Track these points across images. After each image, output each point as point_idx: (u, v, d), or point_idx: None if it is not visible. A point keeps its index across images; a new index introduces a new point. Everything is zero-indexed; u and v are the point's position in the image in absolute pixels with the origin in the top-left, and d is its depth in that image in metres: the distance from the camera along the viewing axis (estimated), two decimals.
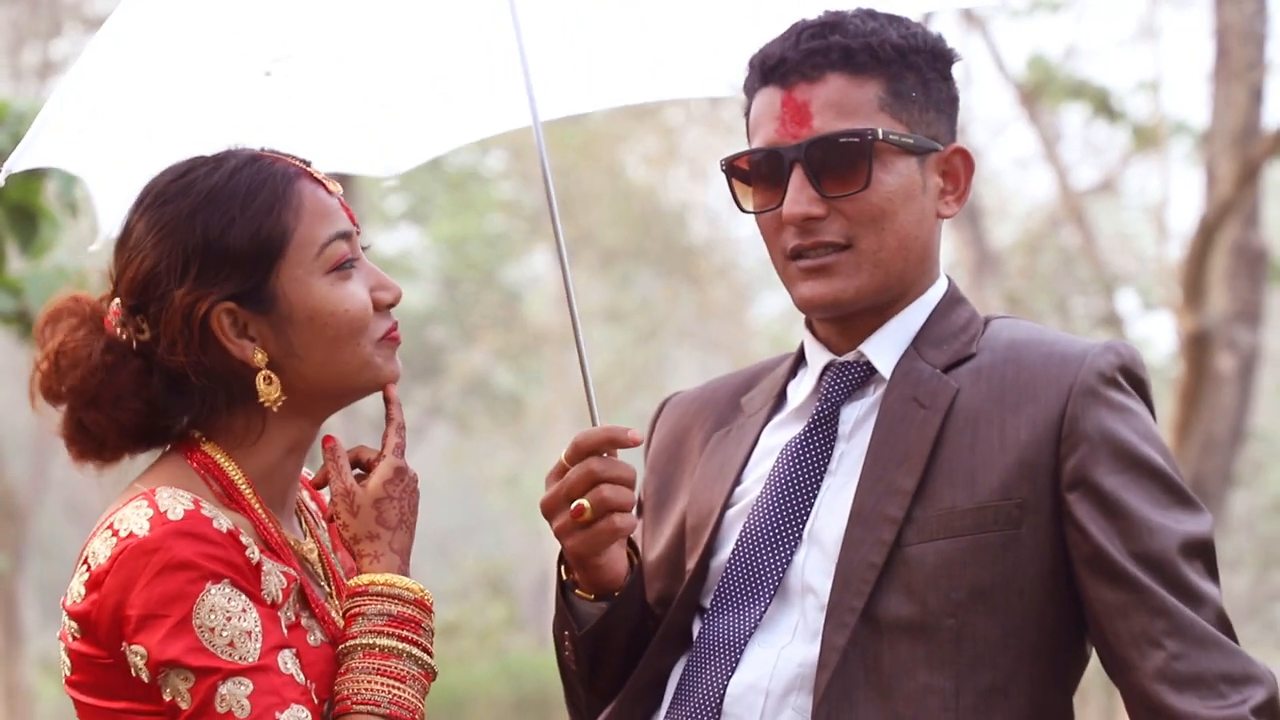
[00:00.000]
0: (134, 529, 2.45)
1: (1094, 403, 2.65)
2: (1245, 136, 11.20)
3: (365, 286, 2.62)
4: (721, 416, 2.96)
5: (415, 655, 2.55)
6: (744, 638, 2.69)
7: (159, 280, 2.54)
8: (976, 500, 2.63)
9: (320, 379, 2.60)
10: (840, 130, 2.71)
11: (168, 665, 2.42)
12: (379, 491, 2.61)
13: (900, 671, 2.60)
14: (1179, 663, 2.53)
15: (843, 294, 2.74)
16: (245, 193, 2.56)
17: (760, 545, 2.73)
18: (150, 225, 2.56)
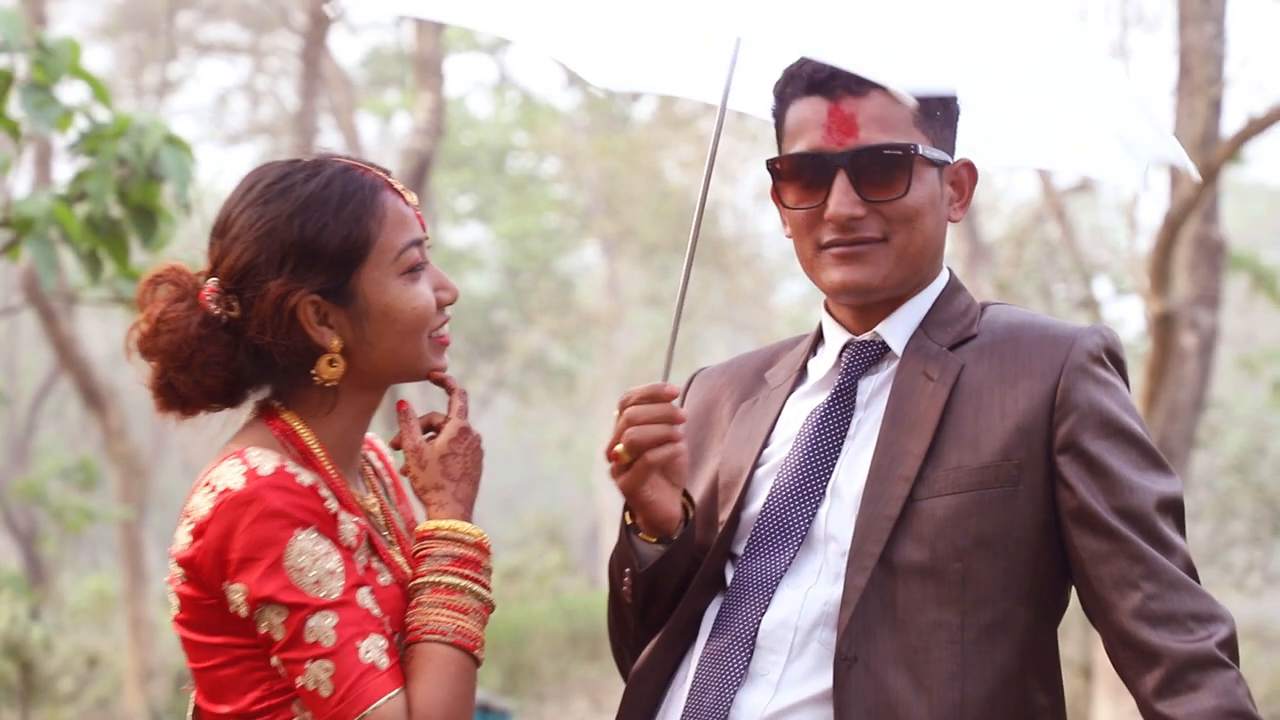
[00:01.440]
0: (230, 484, 2.48)
1: (1083, 378, 2.66)
2: (1205, 143, 11.13)
3: (430, 286, 2.65)
4: (747, 389, 2.97)
5: (476, 591, 2.59)
6: (775, 580, 2.69)
7: (257, 271, 2.56)
8: (980, 461, 2.64)
9: (384, 363, 2.63)
10: (885, 143, 2.71)
11: (263, 602, 2.45)
12: (444, 449, 2.65)
13: (913, 609, 2.61)
14: (1154, 603, 2.54)
15: (872, 280, 2.75)
16: (338, 200, 2.58)
17: (789, 499, 2.73)
18: (251, 221, 2.58)
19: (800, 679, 2.64)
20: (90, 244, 5.75)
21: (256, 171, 2.65)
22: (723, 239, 27.56)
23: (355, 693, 2.44)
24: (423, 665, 2.51)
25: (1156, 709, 2.51)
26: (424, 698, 2.48)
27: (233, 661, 2.51)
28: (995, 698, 2.59)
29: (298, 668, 2.45)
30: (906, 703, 2.57)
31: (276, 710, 2.51)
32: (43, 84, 5.55)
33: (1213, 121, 11.32)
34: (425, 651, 2.52)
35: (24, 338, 26.68)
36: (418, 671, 2.50)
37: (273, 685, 2.51)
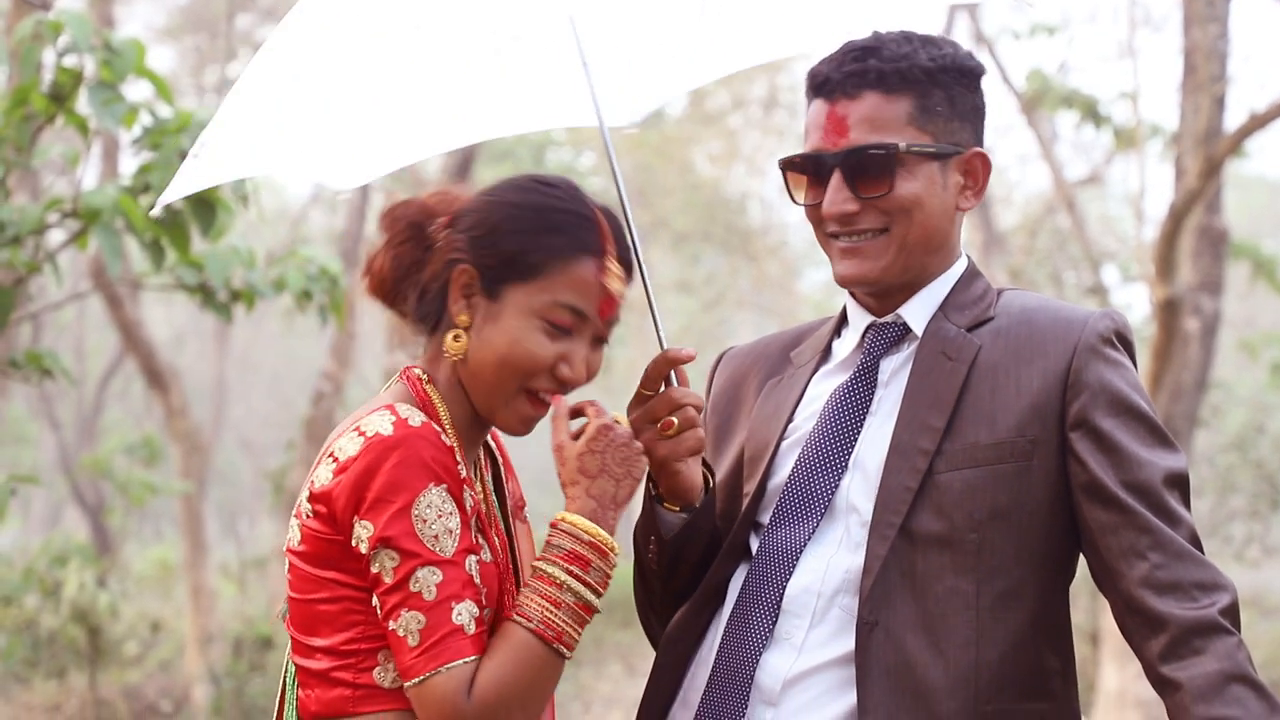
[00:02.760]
0: (380, 430, 2.51)
1: (1095, 358, 2.66)
2: (1209, 137, 11.07)
3: (560, 350, 2.63)
4: (773, 367, 2.98)
5: (575, 589, 2.56)
6: (799, 548, 2.70)
7: (463, 226, 2.64)
8: (996, 437, 2.64)
9: (477, 373, 2.64)
10: (870, 143, 2.73)
11: (383, 543, 2.47)
12: (581, 447, 2.63)
13: (931, 577, 2.62)
14: (1160, 572, 2.54)
15: (870, 273, 2.77)
16: (554, 227, 2.63)
17: (813, 471, 2.74)
18: (493, 190, 2.68)
19: (822, 642, 2.65)
20: (153, 233, 5.77)
21: (549, 174, 2.75)
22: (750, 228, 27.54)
23: (436, 649, 2.46)
24: (499, 644, 2.51)
25: (1162, 672, 2.51)
26: (488, 673, 2.48)
27: (336, 599, 2.54)
28: (1008, 661, 2.60)
29: (395, 613, 2.47)
30: (924, 665, 2.58)
31: (364, 655, 2.53)
32: (109, 83, 5.56)
33: (1216, 117, 11.26)
34: (507, 631, 2.52)
35: (91, 322, 26.82)
36: (493, 649, 2.50)
37: (366, 630, 2.53)
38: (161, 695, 16.14)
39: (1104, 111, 15.32)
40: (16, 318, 6.43)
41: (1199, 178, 10.80)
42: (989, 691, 2.58)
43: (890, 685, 2.58)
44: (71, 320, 25.74)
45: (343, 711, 2.55)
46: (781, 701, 2.64)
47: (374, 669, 2.53)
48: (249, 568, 19.53)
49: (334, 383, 15.41)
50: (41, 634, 14.54)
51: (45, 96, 5.64)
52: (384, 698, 2.54)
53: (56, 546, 14.09)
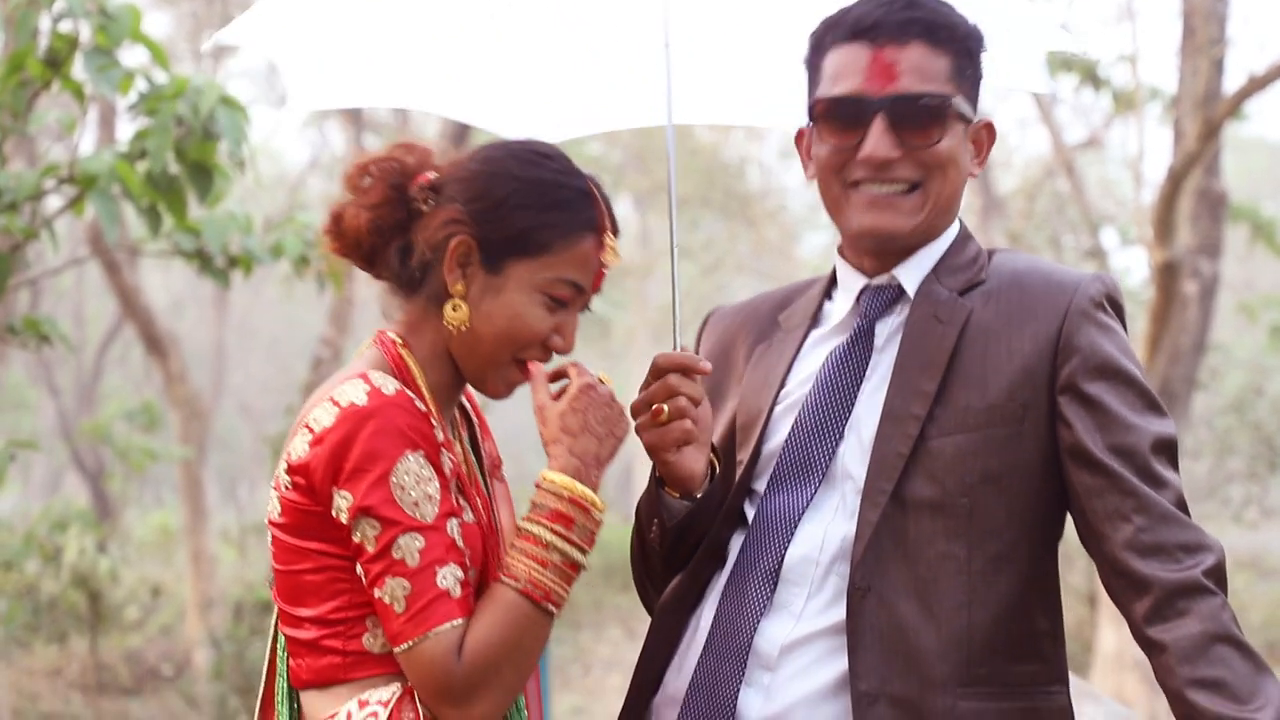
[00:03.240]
0: (354, 399, 2.50)
1: (1085, 323, 2.66)
2: (1208, 100, 11.06)
3: (556, 322, 2.66)
4: (762, 331, 2.97)
5: (561, 548, 2.56)
6: (797, 516, 2.71)
7: (460, 194, 2.63)
8: (987, 401, 2.64)
9: (472, 344, 2.64)
10: (924, 91, 2.71)
11: (363, 512, 2.47)
12: (563, 406, 2.64)
13: (923, 541, 2.62)
14: (1144, 535, 2.54)
15: (901, 228, 2.76)
16: (559, 205, 2.62)
17: (810, 438, 2.74)
18: (490, 159, 2.65)
19: (819, 610, 2.66)
20: (150, 199, 5.77)
21: (537, 140, 2.73)
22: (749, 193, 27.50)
23: (422, 614, 2.46)
24: (487, 605, 2.52)
25: (1147, 634, 2.51)
26: (477, 635, 2.49)
27: (320, 569, 2.54)
28: (1000, 623, 2.61)
29: (379, 581, 2.48)
30: (916, 629, 2.59)
31: (352, 623, 2.54)
32: (105, 48, 5.56)
33: (1215, 79, 11.25)
34: (494, 592, 2.53)
35: (90, 288, 26.79)
36: (481, 610, 2.51)
37: (353, 598, 2.54)
38: (162, 659, 16.19)
39: (1103, 75, 15.29)
40: (14, 284, 6.44)
41: (1198, 140, 10.80)
42: (981, 654, 2.59)
43: (882, 649, 2.59)
44: (70, 286, 25.72)
45: (334, 679, 2.56)
46: (779, 667, 2.64)
47: (363, 635, 2.55)
48: (249, 533, 19.55)
49: (332, 348, 15.40)
50: (42, 599, 14.58)
51: (41, 62, 5.64)
52: (375, 663, 2.55)
53: (57, 512, 14.12)
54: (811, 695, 2.62)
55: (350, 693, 2.55)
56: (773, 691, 2.63)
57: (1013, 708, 2.61)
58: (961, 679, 2.58)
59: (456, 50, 3.28)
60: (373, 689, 2.54)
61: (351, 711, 2.53)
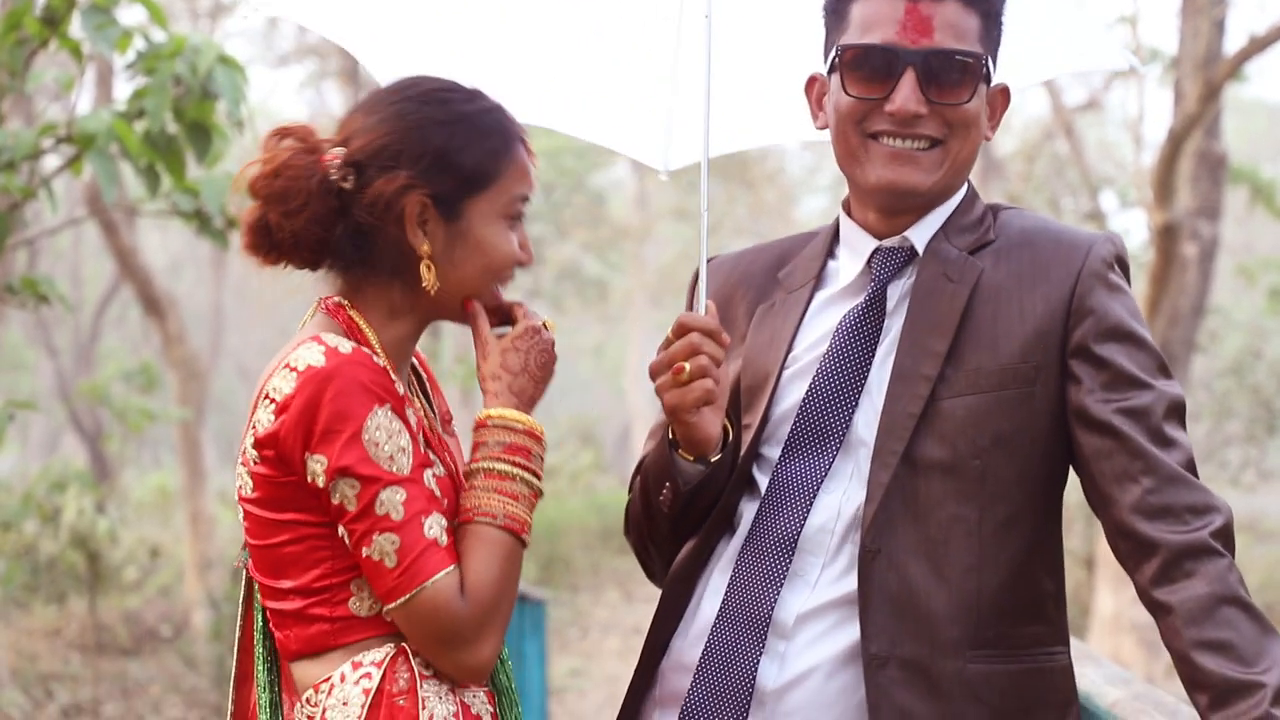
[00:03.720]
0: (311, 362, 2.48)
1: (1098, 284, 2.65)
2: (1208, 62, 11.04)
3: (519, 239, 2.67)
4: (762, 290, 2.93)
5: (525, 478, 2.60)
6: (815, 485, 2.69)
7: (393, 156, 2.58)
8: (999, 363, 2.63)
9: (455, 289, 2.64)
10: (959, 49, 2.68)
11: (340, 473, 2.45)
12: (507, 343, 2.66)
13: (933, 504, 2.61)
14: (1151, 496, 2.53)
15: (920, 184, 2.72)
16: (487, 130, 2.62)
17: (826, 404, 2.72)
18: (403, 113, 2.60)
19: (833, 579, 2.64)
20: (148, 159, 5.75)
21: (418, 78, 2.67)
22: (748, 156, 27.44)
23: (416, 566, 2.46)
24: (474, 545, 2.52)
25: (1154, 596, 2.50)
26: (475, 575, 2.50)
27: (298, 539, 2.52)
28: (1008, 586, 2.60)
29: (366, 539, 2.46)
30: (927, 592, 2.58)
31: (336, 589, 2.52)
32: (103, 6, 5.53)
33: (1215, 40, 11.23)
34: (477, 532, 2.53)
35: (88, 249, 26.77)
36: (469, 551, 2.52)
37: (335, 564, 2.52)
38: (161, 620, 16.22)
39: None
40: (12, 244, 6.42)
41: (1198, 102, 10.77)
42: (990, 617, 2.58)
43: (893, 612, 2.58)
44: (68, 247, 25.69)
45: (325, 645, 2.54)
46: (794, 635, 2.63)
47: (348, 600, 2.53)
48: None
49: None
50: (41, 559, 14.61)
51: (38, 20, 5.61)
52: (364, 626, 2.53)
53: (55, 472, 14.12)
54: (825, 663, 2.61)
55: (343, 656, 2.53)
56: (787, 660, 2.62)
57: (1019, 669, 2.61)
58: (971, 641, 2.57)
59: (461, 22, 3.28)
60: (365, 651, 2.53)
61: (345, 674, 2.52)
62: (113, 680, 14.05)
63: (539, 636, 10.31)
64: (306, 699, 2.56)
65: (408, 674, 2.51)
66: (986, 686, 2.57)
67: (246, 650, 2.70)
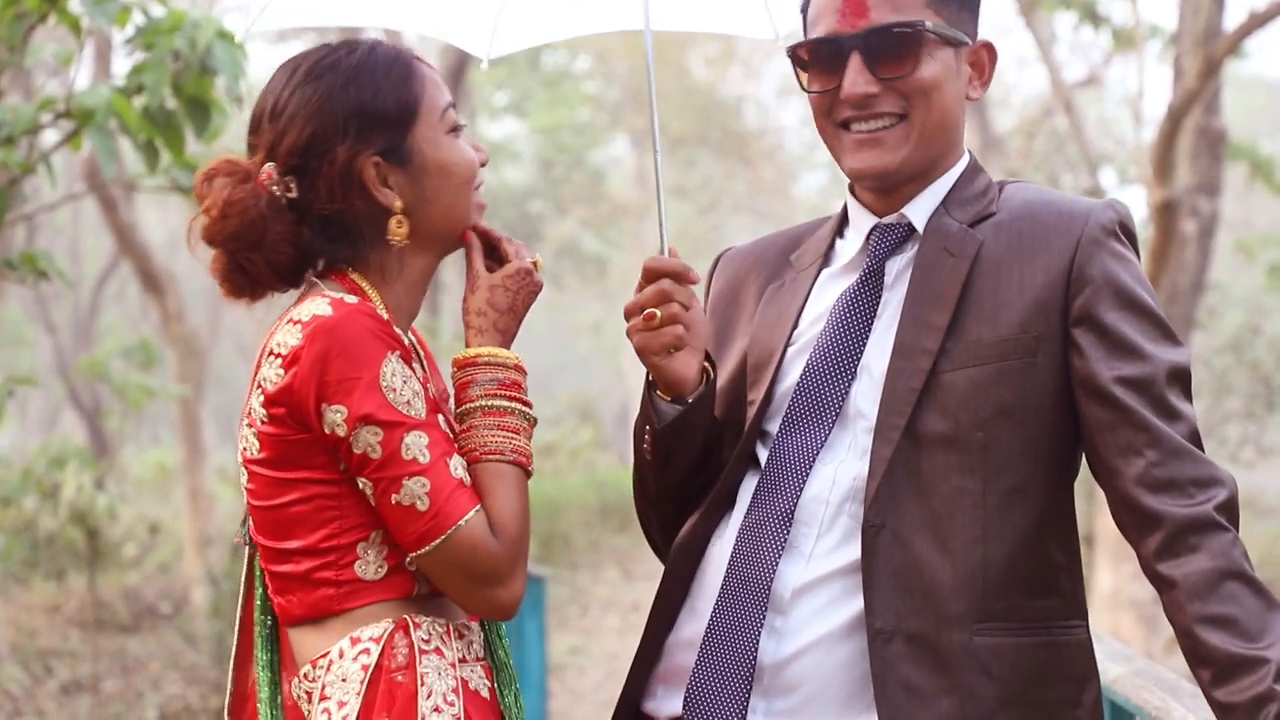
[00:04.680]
0: (317, 312, 2.48)
1: (1099, 251, 2.63)
2: (1208, 38, 11.01)
3: (469, 146, 2.68)
4: (773, 271, 2.94)
5: (523, 411, 2.63)
6: (812, 456, 2.68)
7: (322, 140, 2.56)
8: (1000, 334, 2.61)
9: (442, 220, 2.64)
10: (894, 21, 2.68)
11: (362, 421, 2.45)
12: (497, 280, 2.67)
13: (937, 477, 2.59)
14: (1156, 469, 2.51)
15: (890, 164, 2.72)
16: (384, 67, 2.60)
17: (822, 378, 2.71)
18: (307, 97, 2.58)
19: (829, 551, 2.63)
20: (147, 134, 5.74)
21: (292, 60, 2.65)
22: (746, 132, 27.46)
23: (449, 506, 2.47)
24: (491, 483, 2.54)
25: (1157, 569, 2.48)
26: (500, 511, 2.52)
27: (307, 499, 2.51)
28: (1016, 558, 2.58)
29: (394, 485, 2.46)
30: (932, 566, 2.57)
31: (343, 550, 2.52)
32: None
33: (1215, 16, 11.19)
34: (490, 470, 2.55)
35: (86, 224, 26.75)
36: (488, 489, 2.54)
37: (342, 524, 2.51)
38: (160, 597, 16.24)
39: (1102, 12, 15.22)
40: (11, 219, 6.41)
41: (1197, 78, 10.75)
42: (997, 589, 2.57)
43: (898, 586, 2.56)
44: (66, 222, 25.67)
45: (329, 610, 2.53)
46: (791, 610, 2.62)
47: (355, 563, 2.52)
48: None
49: None
50: (40, 535, 14.61)
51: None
52: (369, 590, 2.53)
53: (54, 449, 14.11)
54: (825, 637, 2.60)
55: (344, 628, 2.52)
56: (785, 635, 2.61)
57: (1030, 643, 2.59)
58: (977, 614, 2.56)
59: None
60: (364, 626, 2.52)
61: (344, 649, 2.51)
62: (112, 657, 14.08)
63: (538, 614, 10.33)
64: (304, 674, 2.56)
65: (406, 650, 2.51)
66: (995, 660, 2.55)
67: (247, 629, 2.69)
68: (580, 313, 34.76)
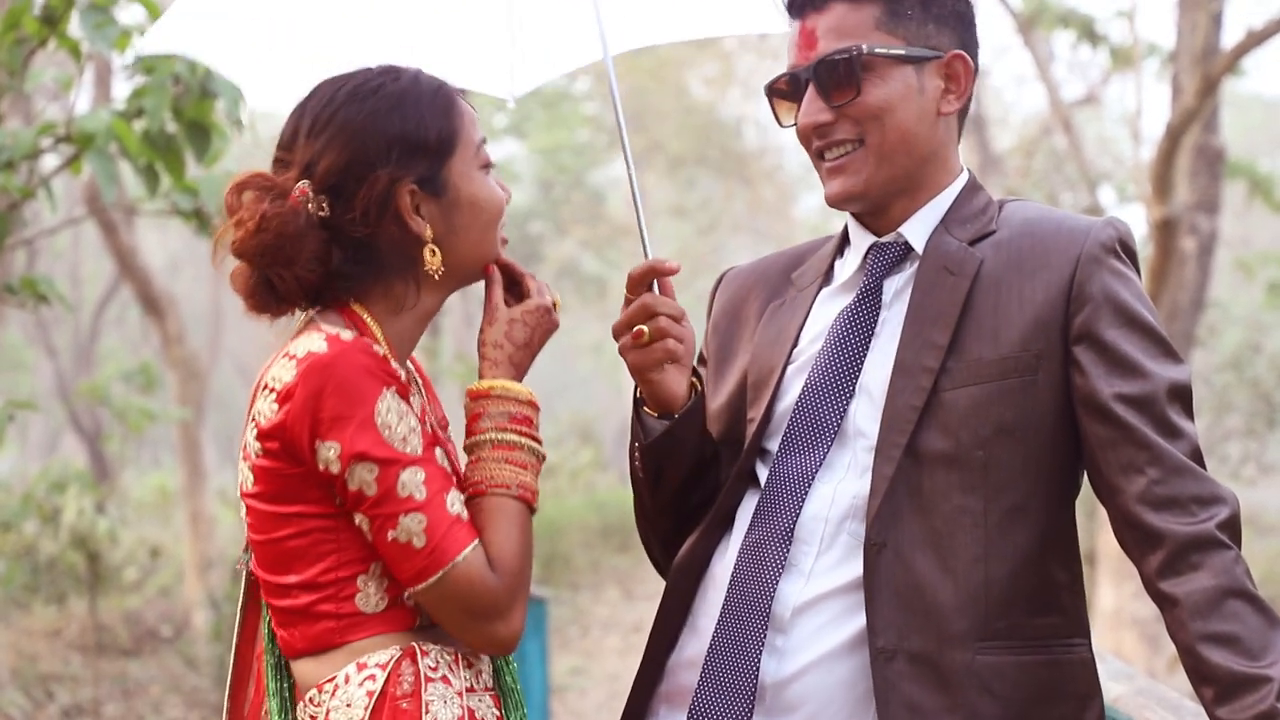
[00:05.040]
0: (312, 349, 2.47)
1: (1098, 269, 2.63)
2: (1206, 56, 11.04)
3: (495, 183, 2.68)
4: (774, 289, 2.95)
5: (532, 447, 2.63)
6: (810, 475, 2.69)
7: (362, 164, 2.55)
8: (1000, 352, 2.62)
9: (468, 254, 2.65)
10: (835, 49, 2.72)
11: (356, 458, 2.44)
12: (515, 314, 2.68)
13: (938, 495, 2.60)
14: (1158, 487, 2.52)
15: (855, 188, 2.75)
16: (428, 96, 2.61)
17: (820, 397, 2.72)
18: (350, 119, 2.57)
19: (829, 569, 2.64)
20: (148, 158, 5.75)
21: (334, 80, 2.63)
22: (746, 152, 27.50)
23: (446, 543, 2.46)
24: (493, 518, 2.54)
25: (1159, 588, 2.49)
26: (499, 547, 2.52)
27: (303, 533, 2.51)
28: (1017, 577, 2.58)
29: (390, 522, 2.46)
30: (933, 584, 2.57)
31: (342, 584, 2.51)
32: (101, 6, 5.53)
33: (1213, 34, 11.23)
34: (494, 504, 2.55)
35: (86, 248, 26.76)
36: (489, 524, 2.53)
37: (340, 558, 2.51)
38: (161, 620, 16.21)
39: (1100, 30, 15.26)
40: (11, 243, 6.42)
41: (1196, 96, 10.77)
42: (999, 608, 2.57)
43: (899, 605, 2.57)
44: (67, 247, 25.68)
45: (330, 643, 2.53)
46: (791, 629, 2.62)
47: (355, 596, 2.52)
48: None
49: None
50: (41, 560, 14.59)
51: (37, 20, 5.61)
52: (370, 623, 2.52)
53: (55, 473, 14.11)
54: (827, 655, 2.60)
55: (347, 656, 2.52)
56: (786, 654, 2.62)
57: (1032, 661, 2.59)
58: (979, 633, 2.56)
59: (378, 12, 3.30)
60: (370, 652, 2.52)
61: (349, 674, 2.51)
62: (113, 681, 14.05)
63: (540, 635, 10.30)
64: (309, 699, 2.55)
65: (412, 677, 2.50)
66: (997, 678, 2.56)
67: (244, 654, 2.69)
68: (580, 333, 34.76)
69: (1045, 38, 17.10)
